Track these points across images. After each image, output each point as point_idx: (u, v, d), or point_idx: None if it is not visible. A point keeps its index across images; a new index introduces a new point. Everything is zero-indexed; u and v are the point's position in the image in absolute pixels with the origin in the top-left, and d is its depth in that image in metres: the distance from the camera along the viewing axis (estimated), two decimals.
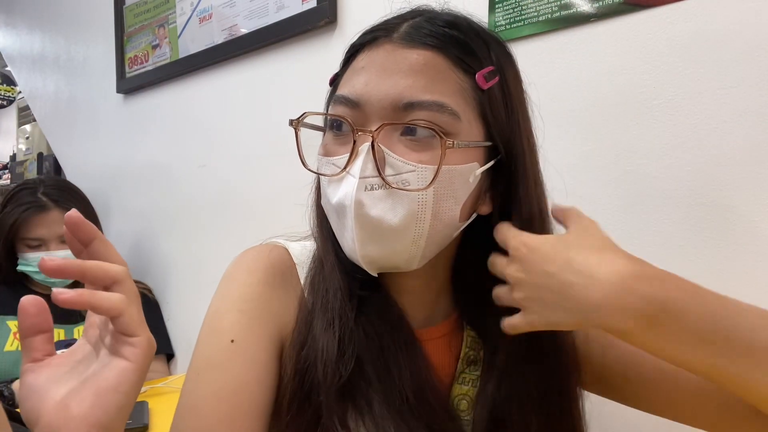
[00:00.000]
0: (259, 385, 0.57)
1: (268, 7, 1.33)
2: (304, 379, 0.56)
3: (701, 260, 0.77)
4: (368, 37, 0.57)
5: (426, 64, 0.53)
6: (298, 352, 0.58)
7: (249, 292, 0.60)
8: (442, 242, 0.57)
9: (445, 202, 0.53)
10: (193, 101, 1.60)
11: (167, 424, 0.58)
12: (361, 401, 0.56)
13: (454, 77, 0.54)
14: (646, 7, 0.80)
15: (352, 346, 0.56)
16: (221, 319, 0.60)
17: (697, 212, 0.76)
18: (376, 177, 0.52)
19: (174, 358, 1.63)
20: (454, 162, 0.53)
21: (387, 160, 0.52)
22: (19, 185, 1.56)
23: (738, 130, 0.73)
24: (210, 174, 1.55)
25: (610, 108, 0.84)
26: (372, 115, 0.53)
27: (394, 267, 0.57)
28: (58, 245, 1.48)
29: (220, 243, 1.52)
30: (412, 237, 0.53)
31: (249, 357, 0.57)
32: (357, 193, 0.51)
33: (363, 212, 0.52)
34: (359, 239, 0.53)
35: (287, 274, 0.62)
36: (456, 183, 0.53)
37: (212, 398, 0.55)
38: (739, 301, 0.48)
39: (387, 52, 0.54)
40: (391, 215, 0.52)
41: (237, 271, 0.62)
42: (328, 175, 0.55)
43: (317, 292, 0.60)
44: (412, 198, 0.52)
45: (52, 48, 2.22)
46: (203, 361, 0.58)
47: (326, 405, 0.55)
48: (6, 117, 5.09)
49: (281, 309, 0.60)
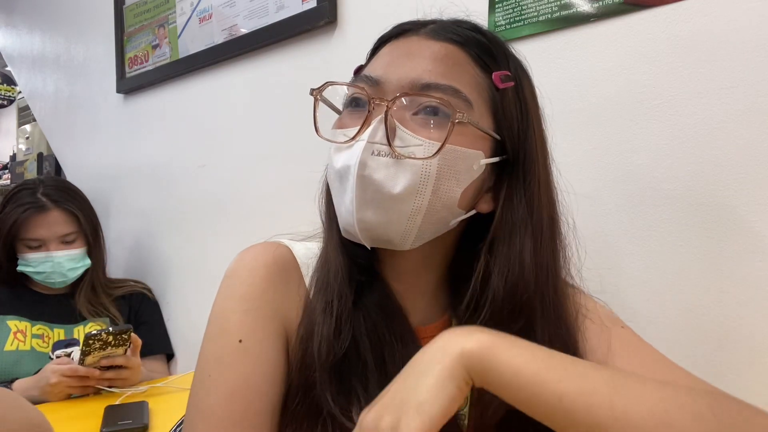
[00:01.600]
0: (269, 384, 0.58)
1: (268, 7, 1.33)
2: (307, 369, 0.57)
3: (701, 260, 0.77)
4: (397, 30, 0.61)
5: (447, 54, 0.56)
6: (303, 344, 0.58)
7: (252, 291, 0.60)
8: (439, 225, 0.57)
9: (447, 181, 0.54)
10: (193, 101, 1.60)
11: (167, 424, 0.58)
12: (356, 383, 0.57)
13: (471, 71, 0.57)
14: (646, 7, 0.80)
15: (349, 326, 0.57)
16: (227, 319, 0.60)
17: (697, 212, 0.76)
18: (385, 145, 0.53)
19: (174, 358, 1.63)
20: (461, 144, 0.54)
21: (397, 132, 0.54)
22: (18, 185, 1.56)
23: (738, 130, 0.73)
24: (210, 174, 1.55)
25: (610, 108, 0.84)
26: (389, 93, 0.55)
27: (388, 241, 0.57)
28: (57, 246, 1.48)
29: (220, 243, 1.52)
30: (410, 210, 0.54)
31: (257, 356, 0.58)
32: (363, 154, 0.53)
33: (366, 173, 0.53)
34: (358, 201, 0.54)
35: (290, 271, 0.63)
36: (460, 165, 0.54)
37: (224, 400, 0.56)
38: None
39: (412, 42, 0.58)
40: (393, 183, 0.53)
41: (239, 269, 0.62)
42: (338, 142, 0.57)
43: (320, 277, 0.61)
44: (416, 169, 0.53)
45: (52, 48, 2.22)
46: (212, 362, 0.59)
47: (320, 381, 0.56)
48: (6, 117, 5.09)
49: (285, 305, 0.61)
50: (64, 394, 1.23)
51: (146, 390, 1.27)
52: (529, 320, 0.58)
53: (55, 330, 1.48)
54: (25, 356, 1.40)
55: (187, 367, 1.53)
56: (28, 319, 1.46)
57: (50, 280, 1.49)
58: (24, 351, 1.41)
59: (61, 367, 1.21)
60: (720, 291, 0.75)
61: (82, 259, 1.53)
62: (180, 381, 1.35)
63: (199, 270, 1.59)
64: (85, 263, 1.53)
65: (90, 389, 1.26)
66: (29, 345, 1.42)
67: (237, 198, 1.47)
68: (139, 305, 1.62)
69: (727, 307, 0.75)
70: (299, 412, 0.57)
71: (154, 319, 1.63)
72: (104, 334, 1.20)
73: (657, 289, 0.80)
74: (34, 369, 1.33)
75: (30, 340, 1.43)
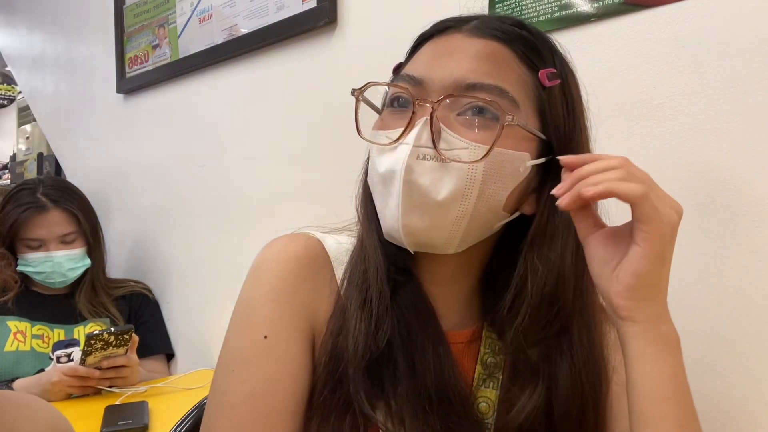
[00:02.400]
0: (293, 382, 0.57)
1: (268, 7, 1.32)
2: (338, 363, 0.56)
3: (701, 260, 0.76)
4: (438, 27, 0.59)
5: (492, 52, 0.54)
6: (334, 338, 0.57)
7: (280, 285, 0.59)
8: (483, 229, 0.56)
9: (493, 185, 0.53)
10: (193, 101, 1.60)
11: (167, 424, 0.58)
12: (387, 382, 0.56)
13: (517, 69, 0.55)
14: (647, 7, 0.80)
15: (387, 325, 0.56)
16: (253, 313, 0.59)
17: (697, 212, 0.76)
18: (431, 148, 0.52)
19: (174, 358, 1.63)
20: (508, 146, 0.53)
21: (442, 135, 0.53)
22: (18, 185, 1.56)
23: (738, 130, 0.73)
24: (210, 174, 1.55)
25: (610, 108, 0.84)
26: (433, 93, 0.54)
27: (432, 246, 0.56)
28: (57, 246, 1.48)
29: (220, 243, 1.52)
30: (456, 215, 0.53)
31: (282, 353, 0.57)
32: (409, 159, 0.52)
33: (412, 179, 0.52)
34: (403, 206, 0.53)
35: (321, 265, 0.62)
36: (506, 168, 0.53)
37: (247, 396, 0.55)
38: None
39: (455, 40, 0.56)
40: (438, 187, 0.52)
41: (267, 261, 0.61)
42: (381, 144, 0.55)
43: (354, 273, 0.60)
44: (461, 173, 0.52)
45: (52, 48, 2.22)
46: (236, 357, 0.58)
47: (353, 379, 0.55)
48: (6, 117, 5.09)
49: (313, 300, 0.60)
50: (64, 394, 1.23)
51: (146, 390, 1.27)
52: (566, 324, 0.57)
53: (55, 330, 1.48)
54: (25, 357, 1.40)
55: (187, 367, 1.53)
56: (28, 319, 1.46)
57: (50, 280, 1.49)
58: (24, 351, 1.41)
59: (62, 366, 1.22)
60: (720, 291, 0.75)
61: (81, 259, 1.53)
62: (180, 381, 1.35)
63: (199, 270, 1.59)
64: (85, 263, 1.53)
65: (90, 389, 1.26)
66: (29, 345, 1.42)
67: (237, 198, 1.47)
68: (139, 305, 1.62)
69: (727, 307, 0.75)
70: (326, 406, 0.56)
71: (155, 319, 1.63)
72: (106, 334, 1.20)
73: None
74: (34, 369, 1.33)
75: (30, 340, 1.43)
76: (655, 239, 0.49)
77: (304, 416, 0.58)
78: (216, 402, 0.57)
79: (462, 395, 0.58)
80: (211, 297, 1.53)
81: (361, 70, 1.11)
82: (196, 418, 0.80)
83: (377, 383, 0.56)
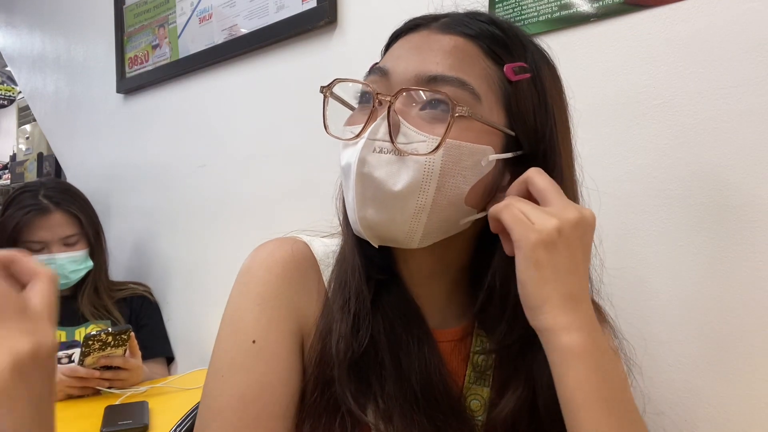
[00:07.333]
0: (284, 385, 0.57)
1: (268, 7, 1.33)
2: (327, 364, 0.56)
3: (701, 260, 0.77)
4: (410, 24, 0.60)
5: (456, 47, 0.55)
6: (323, 340, 0.58)
7: (268, 289, 0.59)
8: (447, 224, 0.56)
9: (452, 178, 0.53)
10: (193, 101, 1.60)
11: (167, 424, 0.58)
12: (374, 381, 0.56)
13: (482, 63, 0.55)
14: (646, 7, 0.80)
15: (367, 324, 0.56)
16: (241, 318, 0.59)
17: (697, 212, 0.76)
18: (387, 141, 0.52)
19: (174, 360, 1.63)
20: (467, 139, 0.53)
21: (401, 128, 0.53)
22: (20, 188, 1.56)
23: (738, 130, 0.73)
24: (210, 174, 1.55)
25: (610, 108, 0.84)
26: (396, 86, 0.54)
27: (393, 240, 0.56)
28: (60, 248, 1.48)
29: (221, 243, 1.52)
30: (414, 208, 0.53)
31: (272, 357, 0.57)
32: (362, 152, 0.52)
33: (365, 171, 0.52)
34: (358, 199, 0.53)
35: (307, 267, 0.62)
36: (465, 161, 0.53)
37: (237, 401, 0.56)
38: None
39: (423, 36, 0.57)
40: (394, 180, 0.52)
41: (255, 266, 0.61)
42: (344, 139, 0.56)
43: (338, 275, 0.60)
44: (418, 166, 0.52)
45: (52, 48, 2.22)
46: (226, 362, 0.58)
47: (338, 379, 0.55)
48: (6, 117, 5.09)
49: (301, 304, 0.60)
50: (64, 394, 1.23)
51: (146, 390, 1.27)
52: None
53: (57, 332, 1.48)
54: None
55: (187, 367, 1.53)
56: None
57: None
58: None
59: (63, 367, 1.22)
60: (720, 291, 0.75)
61: (84, 261, 1.53)
62: (180, 381, 1.35)
63: (199, 270, 1.59)
64: (87, 265, 1.53)
65: (89, 390, 1.26)
66: None
67: (237, 198, 1.47)
68: (140, 308, 1.62)
69: (727, 307, 0.75)
70: (317, 407, 0.57)
71: (155, 321, 1.63)
72: (103, 334, 1.20)
73: (656, 289, 0.80)
74: None
75: None
76: (519, 245, 0.51)
77: (295, 419, 0.58)
78: (207, 407, 0.57)
79: (450, 393, 0.58)
80: (211, 297, 1.53)
81: (361, 70, 1.11)
82: (195, 418, 0.80)
83: (364, 382, 0.56)
